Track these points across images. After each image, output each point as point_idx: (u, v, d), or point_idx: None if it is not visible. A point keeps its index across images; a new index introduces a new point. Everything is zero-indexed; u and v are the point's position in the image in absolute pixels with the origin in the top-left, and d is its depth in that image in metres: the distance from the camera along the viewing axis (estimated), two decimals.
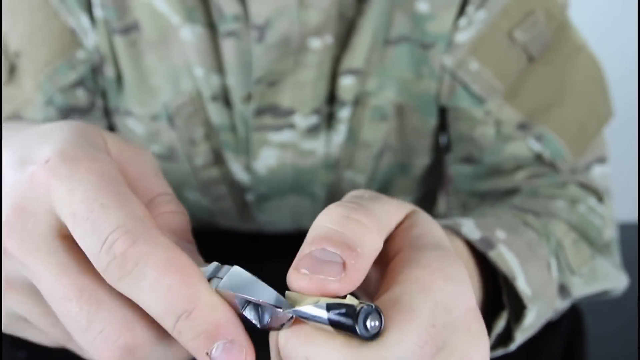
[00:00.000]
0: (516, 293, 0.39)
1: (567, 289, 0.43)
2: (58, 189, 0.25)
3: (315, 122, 0.52)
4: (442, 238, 0.27)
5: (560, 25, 0.51)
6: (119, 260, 0.23)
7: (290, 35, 0.48)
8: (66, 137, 0.27)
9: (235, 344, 0.22)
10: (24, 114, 0.51)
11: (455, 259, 0.26)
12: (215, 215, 0.61)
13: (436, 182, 0.63)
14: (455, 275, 0.24)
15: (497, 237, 0.39)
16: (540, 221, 0.43)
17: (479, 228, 0.39)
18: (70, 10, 0.50)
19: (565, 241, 0.43)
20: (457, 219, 0.40)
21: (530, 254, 0.40)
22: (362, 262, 0.24)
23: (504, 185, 0.51)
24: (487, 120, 0.51)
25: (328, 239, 0.24)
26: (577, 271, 0.43)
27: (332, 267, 0.23)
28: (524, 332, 0.39)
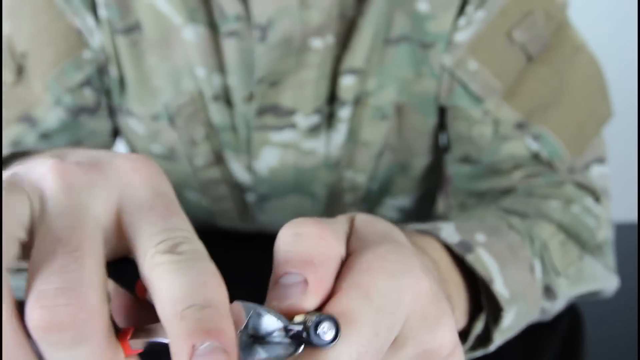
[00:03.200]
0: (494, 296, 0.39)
1: (553, 290, 0.43)
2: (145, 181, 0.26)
3: (316, 121, 0.52)
4: (386, 231, 0.28)
5: (559, 25, 0.51)
6: (177, 253, 0.24)
7: (292, 35, 0.48)
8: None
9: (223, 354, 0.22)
10: (34, 114, 0.51)
11: (399, 250, 0.26)
12: (215, 216, 0.61)
13: (436, 182, 0.63)
14: (397, 270, 0.25)
15: (477, 240, 0.39)
16: (526, 223, 0.43)
17: (459, 232, 0.39)
18: (76, 10, 0.50)
19: (551, 243, 0.44)
20: (437, 223, 0.40)
21: (512, 256, 0.40)
22: (322, 270, 0.25)
23: (502, 185, 0.51)
24: (485, 120, 0.51)
25: (287, 263, 0.25)
26: (563, 272, 0.43)
27: (296, 289, 0.25)
28: (502, 333, 0.39)
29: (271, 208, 0.59)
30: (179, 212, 0.26)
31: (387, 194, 0.60)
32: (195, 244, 0.24)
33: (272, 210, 0.59)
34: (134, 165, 0.26)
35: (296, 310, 0.25)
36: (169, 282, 0.23)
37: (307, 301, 0.25)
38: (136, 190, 0.26)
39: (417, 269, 0.26)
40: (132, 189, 0.26)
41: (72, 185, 0.25)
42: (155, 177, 0.27)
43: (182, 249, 0.24)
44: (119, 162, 0.27)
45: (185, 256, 0.23)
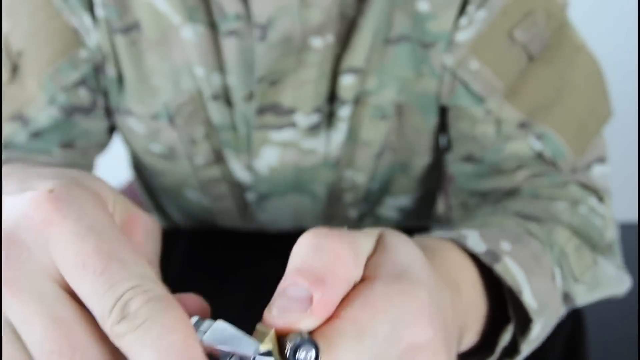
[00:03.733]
0: (522, 305, 0.39)
1: (571, 297, 0.42)
2: (63, 230, 0.24)
3: (316, 120, 0.52)
4: (408, 264, 0.28)
5: (560, 25, 0.51)
6: (130, 317, 0.23)
7: (292, 34, 0.48)
8: (72, 178, 0.27)
9: None
10: (27, 113, 0.51)
11: (411, 293, 0.26)
12: (215, 215, 0.61)
13: (436, 182, 0.63)
14: (399, 316, 0.25)
15: (502, 249, 0.39)
16: (544, 229, 0.43)
17: (484, 240, 0.39)
18: (73, 9, 0.50)
19: (567, 248, 0.43)
20: (462, 231, 0.40)
21: (535, 264, 0.40)
22: (331, 293, 0.25)
23: (506, 185, 0.51)
24: (487, 119, 0.51)
25: (298, 272, 0.25)
26: (580, 278, 0.43)
27: (300, 305, 0.25)
28: (529, 344, 0.39)
29: (271, 207, 0.59)
30: (114, 249, 0.24)
31: (387, 194, 0.60)
32: (147, 290, 0.23)
33: (272, 209, 0.59)
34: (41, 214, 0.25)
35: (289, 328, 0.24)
36: (138, 355, 0.23)
37: (305, 320, 0.25)
38: (59, 246, 0.24)
39: (423, 319, 0.25)
40: (55, 245, 0.24)
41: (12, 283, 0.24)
42: (71, 215, 0.25)
43: (134, 308, 0.23)
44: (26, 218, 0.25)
45: (140, 318, 0.23)
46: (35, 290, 0.24)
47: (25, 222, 0.25)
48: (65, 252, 0.24)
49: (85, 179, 0.28)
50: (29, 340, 0.24)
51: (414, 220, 0.64)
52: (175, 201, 0.62)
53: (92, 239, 0.24)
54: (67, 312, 0.24)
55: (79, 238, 0.24)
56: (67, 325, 0.24)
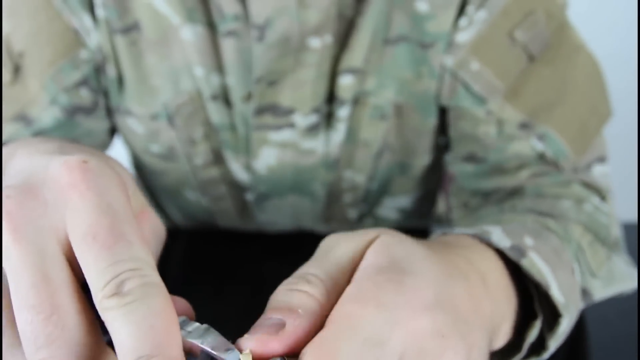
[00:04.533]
0: (548, 301, 0.39)
1: (589, 292, 0.42)
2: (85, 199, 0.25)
3: (314, 121, 0.52)
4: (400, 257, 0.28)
5: (560, 25, 0.51)
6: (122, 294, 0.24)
7: (290, 34, 0.48)
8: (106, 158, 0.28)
9: None
10: (30, 113, 0.51)
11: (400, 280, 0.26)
12: (215, 215, 0.61)
13: (436, 182, 0.63)
14: (390, 300, 0.25)
15: (526, 244, 0.39)
16: (560, 225, 0.43)
17: (508, 235, 0.39)
18: (73, 10, 0.50)
19: (583, 243, 0.43)
20: (485, 227, 0.40)
21: (557, 259, 0.39)
22: (303, 321, 0.26)
23: (508, 185, 0.51)
24: (488, 120, 0.51)
25: (272, 310, 0.27)
26: (597, 274, 0.43)
27: (272, 328, 0.26)
28: (557, 339, 0.39)
29: (270, 207, 0.59)
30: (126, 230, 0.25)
31: (387, 194, 0.60)
32: (144, 275, 0.24)
33: (272, 210, 0.59)
34: (69, 179, 0.26)
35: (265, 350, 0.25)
36: (118, 330, 0.23)
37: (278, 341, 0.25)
38: (77, 213, 0.25)
39: (416, 302, 0.26)
40: (73, 211, 0.25)
41: (17, 228, 0.25)
42: (96, 189, 0.26)
43: (128, 288, 0.24)
44: (54, 177, 0.26)
45: (130, 297, 0.23)
46: (37, 245, 0.25)
47: (52, 181, 0.26)
48: (80, 220, 0.25)
49: (115, 164, 0.29)
50: (14, 291, 0.24)
51: (413, 220, 0.64)
52: (175, 201, 0.62)
53: (109, 215, 0.25)
54: (58, 273, 0.25)
55: (97, 210, 0.25)
56: (54, 285, 0.24)
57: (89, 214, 0.25)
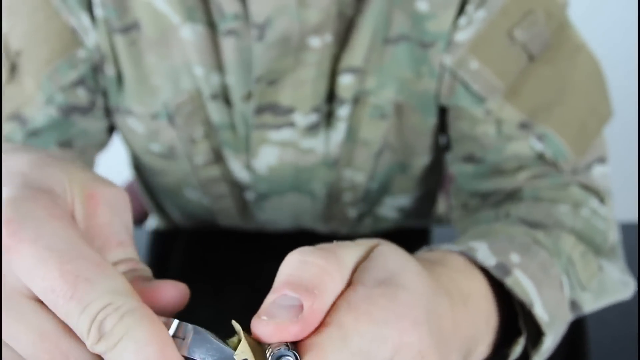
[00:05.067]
0: (533, 318, 0.39)
1: (578, 305, 0.42)
2: (23, 256, 0.24)
3: (314, 120, 0.52)
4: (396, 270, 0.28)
5: (560, 25, 0.51)
6: (107, 336, 0.24)
7: (290, 33, 0.48)
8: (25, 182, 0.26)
9: None
10: (25, 112, 0.51)
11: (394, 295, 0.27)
12: (215, 214, 0.61)
13: (436, 182, 0.63)
14: (382, 317, 0.25)
15: (512, 261, 0.39)
16: (551, 238, 0.43)
17: (494, 253, 0.39)
18: (71, 9, 0.50)
19: (574, 256, 0.43)
20: (471, 243, 0.40)
21: (544, 275, 0.40)
22: (320, 303, 0.26)
23: (507, 186, 0.51)
24: (487, 120, 0.51)
25: (287, 284, 0.26)
26: (587, 286, 0.43)
27: (290, 311, 0.25)
28: (541, 356, 0.39)
29: (270, 206, 0.59)
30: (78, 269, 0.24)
31: (387, 194, 0.60)
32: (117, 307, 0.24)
33: (272, 209, 0.59)
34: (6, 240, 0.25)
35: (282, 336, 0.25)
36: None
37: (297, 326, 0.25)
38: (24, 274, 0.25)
39: (407, 320, 0.26)
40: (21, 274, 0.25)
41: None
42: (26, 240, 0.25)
43: (108, 327, 0.23)
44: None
45: (115, 336, 0.23)
46: (15, 311, 0.25)
47: None
48: (30, 277, 0.24)
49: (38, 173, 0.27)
50: (23, 354, 0.25)
51: (413, 220, 0.64)
52: (175, 201, 0.62)
53: (54, 260, 0.24)
54: (49, 324, 0.25)
55: (41, 262, 0.24)
56: (53, 336, 0.25)
57: (34, 269, 0.24)
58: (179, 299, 0.29)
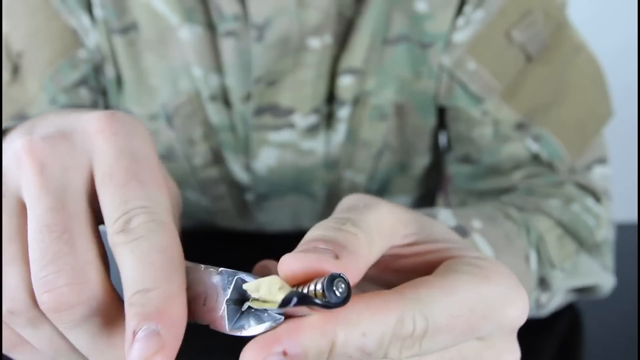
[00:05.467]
0: None
1: (547, 282, 0.43)
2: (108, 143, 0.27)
3: (314, 121, 0.52)
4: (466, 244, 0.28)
5: (558, 25, 0.51)
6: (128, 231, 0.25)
7: (289, 34, 0.48)
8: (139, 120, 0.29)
9: (156, 336, 0.22)
10: (29, 113, 0.51)
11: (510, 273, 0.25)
12: (214, 215, 0.61)
13: (435, 182, 0.63)
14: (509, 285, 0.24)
15: (473, 226, 0.39)
16: (522, 215, 0.44)
17: (456, 217, 0.40)
18: (71, 10, 0.50)
19: (547, 235, 0.44)
20: (435, 209, 0.40)
21: (507, 244, 0.40)
22: (355, 261, 0.23)
23: (502, 185, 0.51)
24: (484, 120, 0.51)
25: (320, 240, 0.23)
26: (559, 265, 0.44)
27: (326, 252, 0.23)
28: None
29: (270, 207, 0.59)
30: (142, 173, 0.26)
31: (387, 194, 0.60)
32: (151, 213, 0.25)
33: (271, 210, 0.59)
34: (98, 125, 0.27)
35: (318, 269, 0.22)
36: (123, 265, 0.24)
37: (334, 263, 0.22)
38: (101, 155, 0.27)
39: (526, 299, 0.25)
40: (97, 154, 0.27)
41: (45, 166, 0.26)
42: (120, 134, 0.27)
43: (133, 225, 0.25)
44: (84, 125, 0.27)
45: (135, 234, 0.24)
46: (60, 178, 0.26)
47: (82, 129, 0.27)
48: (102, 162, 0.26)
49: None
50: (31, 215, 0.26)
51: None
52: None
53: (128, 158, 0.26)
54: (76, 204, 0.26)
55: (118, 154, 0.26)
56: (69, 211, 0.26)
57: (110, 156, 0.26)
58: None
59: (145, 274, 0.24)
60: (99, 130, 0.27)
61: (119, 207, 0.25)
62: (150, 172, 0.27)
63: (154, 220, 0.25)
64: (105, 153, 0.26)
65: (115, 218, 0.25)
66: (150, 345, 0.22)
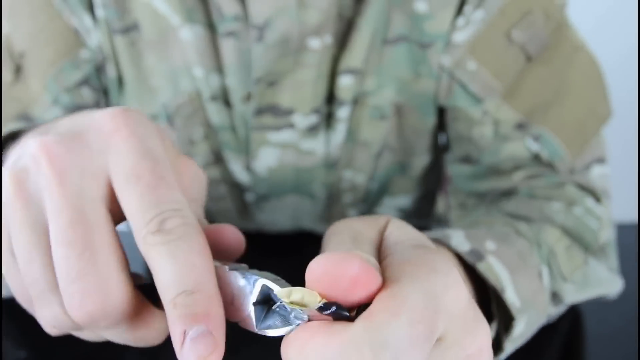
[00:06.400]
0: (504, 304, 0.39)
1: (560, 296, 0.43)
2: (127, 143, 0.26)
3: (314, 121, 0.52)
4: (421, 238, 0.28)
5: (558, 25, 0.51)
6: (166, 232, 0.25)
7: (289, 34, 0.48)
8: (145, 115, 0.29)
9: (210, 337, 0.24)
10: (32, 113, 0.51)
11: (439, 254, 0.26)
12: (215, 215, 0.61)
13: (435, 182, 0.63)
14: (441, 267, 0.25)
15: (487, 248, 0.39)
16: (532, 229, 0.44)
17: (469, 239, 0.39)
18: (73, 10, 0.50)
19: (557, 248, 0.44)
20: (447, 231, 0.40)
21: (521, 263, 0.40)
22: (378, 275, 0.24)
23: (502, 186, 0.51)
24: (484, 120, 0.51)
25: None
26: (569, 278, 0.43)
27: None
28: (513, 342, 0.39)
29: (270, 208, 0.59)
30: (166, 174, 0.26)
31: (387, 194, 0.60)
32: (184, 216, 0.25)
33: (272, 210, 0.59)
34: (113, 125, 0.27)
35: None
36: (161, 266, 0.25)
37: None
38: (120, 155, 0.26)
39: (457, 274, 0.25)
40: (116, 154, 0.27)
41: (64, 173, 0.26)
42: (138, 134, 0.27)
43: (170, 226, 0.25)
44: (99, 125, 0.27)
45: (173, 235, 0.25)
46: (79, 186, 0.26)
47: (96, 128, 0.27)
48: (124, 162, 0.26)
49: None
50: (53, 229, 0.26)
51: (413, 220, 0.64)
52: None
53: (151, 159, 0.26)
54: (95, 214, 0.26)
55: (140, 154, 0.26)
56: (89, 224, 0.26)
57: (133, 156, 0.26)
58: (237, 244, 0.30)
59: (188, 275, 0.24)
60: (115, 130, 0.27)
61: (151, 208, 0.25)
62: (171, 173, 0.27)
63: (187, 222, 0.25)
64: (126, 154, 0.26)
65: (148, 219, 0.25)
66: (206, 346, 0.23)
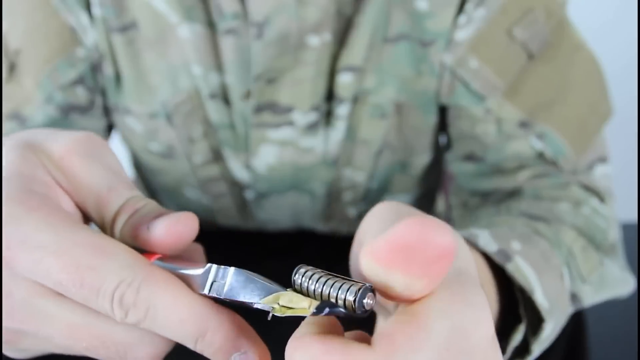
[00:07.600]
0: (533, 305, 0.39)
1: (578, 298, 0.42)
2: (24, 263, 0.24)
3: (314, 119, 0.52)
4: (467, 262, 0.27)
5: (559, 23, 0.51)
6: (133, 310, 0.24)
7: (288, 32, 0.48)
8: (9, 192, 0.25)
9: (248, 354, 0.25)
10: (24, 111, 0.51)
11: (477, 286, 0.25)
12: (215, 213, 0.61)
13: (436, 181, 0.63)
14: (476, 301, 0.24)
15: (513, 248, 0.39)
16: (551, 229, 0.43)
17: (495, 239, 0.39)
18: (70, 8, 0.50)
19: (574, 248, 0.43)
20: (473, 230, 0.40)
21: (545, 264, 0.40)
22: None
23: (507, 186, 0.51)
24: (487, 119, 0.51)
25: None
26: (588, 279, 0.43)
27: None
28: (541, 344, 0.39)
29: (270, 205, 0.59)
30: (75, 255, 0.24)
31: (387, 193, 0.60)
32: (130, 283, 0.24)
33: (271, 208, 0.59)
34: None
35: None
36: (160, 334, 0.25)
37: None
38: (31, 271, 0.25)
39: (489, 311, 0.24)
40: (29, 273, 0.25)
41: None
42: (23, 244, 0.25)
43: (131, 301, 0.24)
44: None
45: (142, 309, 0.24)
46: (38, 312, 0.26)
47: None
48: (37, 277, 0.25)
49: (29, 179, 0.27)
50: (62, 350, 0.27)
51: None
52: (175, 200, 0.62)
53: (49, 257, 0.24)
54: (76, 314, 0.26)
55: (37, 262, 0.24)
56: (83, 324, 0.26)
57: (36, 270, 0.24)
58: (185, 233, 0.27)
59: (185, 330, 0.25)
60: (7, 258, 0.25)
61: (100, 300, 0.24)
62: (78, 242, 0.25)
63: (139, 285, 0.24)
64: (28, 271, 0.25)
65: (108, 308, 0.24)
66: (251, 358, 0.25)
